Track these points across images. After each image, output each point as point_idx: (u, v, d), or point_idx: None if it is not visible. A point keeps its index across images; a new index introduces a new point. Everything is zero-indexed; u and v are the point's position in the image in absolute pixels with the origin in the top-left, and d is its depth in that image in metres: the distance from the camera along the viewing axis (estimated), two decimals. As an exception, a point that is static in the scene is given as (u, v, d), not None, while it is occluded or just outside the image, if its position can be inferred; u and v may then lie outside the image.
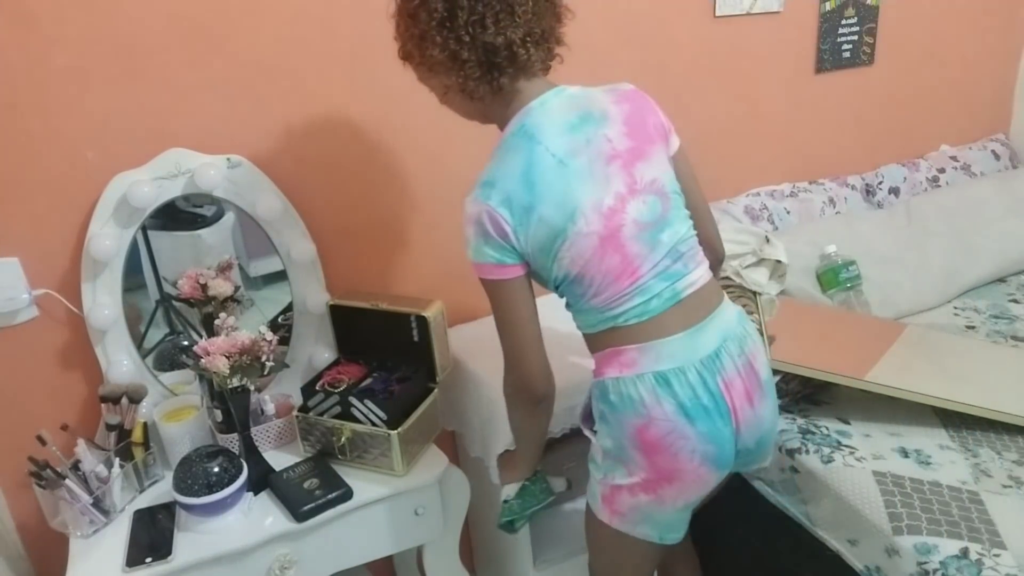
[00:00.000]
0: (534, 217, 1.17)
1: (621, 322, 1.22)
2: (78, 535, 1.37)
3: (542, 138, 1.18)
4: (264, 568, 1.37)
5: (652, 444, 1.21)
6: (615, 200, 1.18)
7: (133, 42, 1.44)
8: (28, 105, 1.39)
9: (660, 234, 1.21)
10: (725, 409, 1.21)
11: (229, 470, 1.36)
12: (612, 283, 1.20)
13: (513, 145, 1.20)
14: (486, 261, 1.20)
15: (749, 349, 1.25)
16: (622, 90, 1.27)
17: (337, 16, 1.60)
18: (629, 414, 1.21)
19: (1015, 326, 2.05)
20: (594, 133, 1.20)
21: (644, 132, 1.23)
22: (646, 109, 1.26)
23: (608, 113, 1.22)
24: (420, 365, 1.58)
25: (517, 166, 1.17)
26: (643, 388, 1.20)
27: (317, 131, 1.65)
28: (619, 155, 1.20)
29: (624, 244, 1.19)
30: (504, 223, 1.17)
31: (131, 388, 1.48)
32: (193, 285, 1.54)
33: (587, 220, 1.17)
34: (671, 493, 1.25)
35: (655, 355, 1.20)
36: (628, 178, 1.20)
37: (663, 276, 1.21)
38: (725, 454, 1.24)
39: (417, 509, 1.49)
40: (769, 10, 2.15)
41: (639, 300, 1.20)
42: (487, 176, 1.19)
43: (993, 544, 1.33)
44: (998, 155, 2.65)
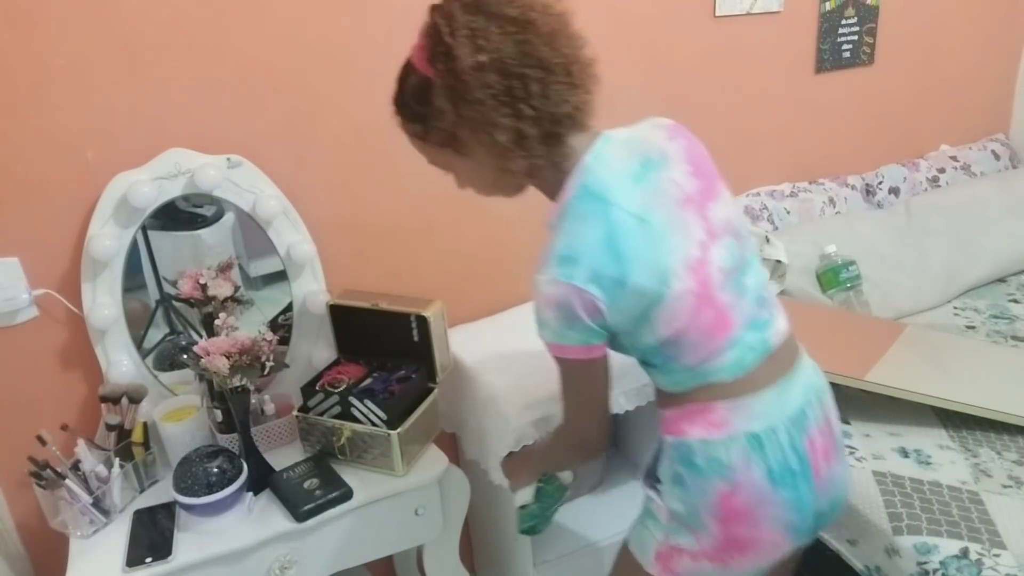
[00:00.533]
0: (627, 289, 1.04)
1: (714, 379, 1.10)
2: (78, 535, 1.37)
3: (613, 197, 1.05)
4: (264, 568, 1.37)
5: (735, 513, 1.11)
6: (699, 249, 1.07)
7: (133, 42, 1.44)
8: (28, 105, 1.39)
9: (744, 278, 1.12)
10: (809, 472, 1.11)
11: (229, 470, 1.36)
12: (708, 340, 1.09)
13: (582, 211, 1.06)
14: (570, 343, 1.07)
15: (827, 402, 1.18)
16: (665, 125, 1.15)
17: (337, 16, 1.60)
18: (715, 480, 1.10)
19: (1015, 326, 2.05)
20: (661, 178, 1.08)
21: (707, 168, 1.13)
22: (696, 143, 1.15)
23: (666, 152, 1.11)
24: (420, 365, 1.58)
25: (596, 235, 1.03)
26: (735, 451, 1.09)
27: (317, 131, 1.65)
28: (690, 198, 1.09)
29: (715, 296, 1.08)
30: (597, 302, 1.03)
31: (131, 388, 1.48)
32: (193, 285, 1.54)
33: (680, 279, 1.06)
34: (741, 563, 1.14)
35: (748, 414, 1.10)
36: (704, 222, 1.09)
37: (753, 326, 1.12)
38: (806, 522, 1.14)
39: (417, 509, 1.49)
40: (769, 10, 2.15)
41: (735, 354, 1.10)
42: (563, 250, 1.04)
43: (993, 544, 1.33)
44: (998, 155, 2.65)
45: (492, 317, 1.95)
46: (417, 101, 1.09)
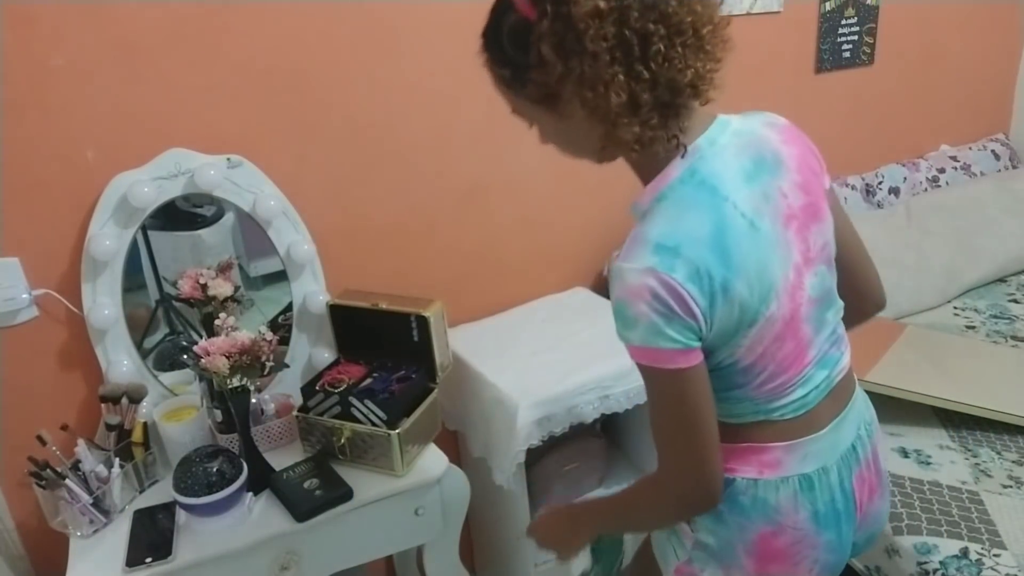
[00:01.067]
0: (728, 298, 0.90)
1: (776, 416, 1.01)
2: (78, 535, 1.37)
3: (727, 192, 0.91)
4: (264, 568, 1.37)
5: (774, 554, 1.03)
6: (795, 275, 0.96)
7: (133, 42, 1.44)
8: (28, 105, 1.39)
9: (827, 312, 1.02)
10: (853, 511, 1.05)
11: (229, 470, 1.35)
12: (782, 373, 0.99)
13: (689, 198, 0.91)
14: (664, 347, 0.89)
15: (875, 436, 1.10)
16: (782, 126, 1.02)
17: (337, 16, 1.60)
18: (758, 520, 1.01)
19: (1015, 326, 2.05)
20: (771, 185, 0.95)
21: (815, 184, 1.00)
22: (809, 152, 1.02)
23: (781, 158, 0.97)
24: (420, 365, 1.58)
25: (704, 228, 0.89)
26: (784, 493, 1.00)
27: (317, 131, 1.65)
28: (795, 216, 0.96)
29: (799, 328, 0.98)
30: (693, 306, 0.88)
31: (131, 388, 1.48)
32: (193, 285, 1.54)
33: (779, 302, 0.94)
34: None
35: (802, 455, 1.01)
36: (803, 245, 0.97)
37: (822, 363, 1.02)
38: (841, 562, 1.08)
39: (417, 509, 1.49)
40: (769, 10, 2.15)
41: (801, 393, 1.01)
42: (662, 238, 0.89)
43: (993, 544, 1.33)
44: (998, 155, 2.65)
45: (492, 317, 1.95)
46: (514, 45, 0.90)
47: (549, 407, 1.60)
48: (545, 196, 1.96)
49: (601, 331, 1.81)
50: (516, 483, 1.64)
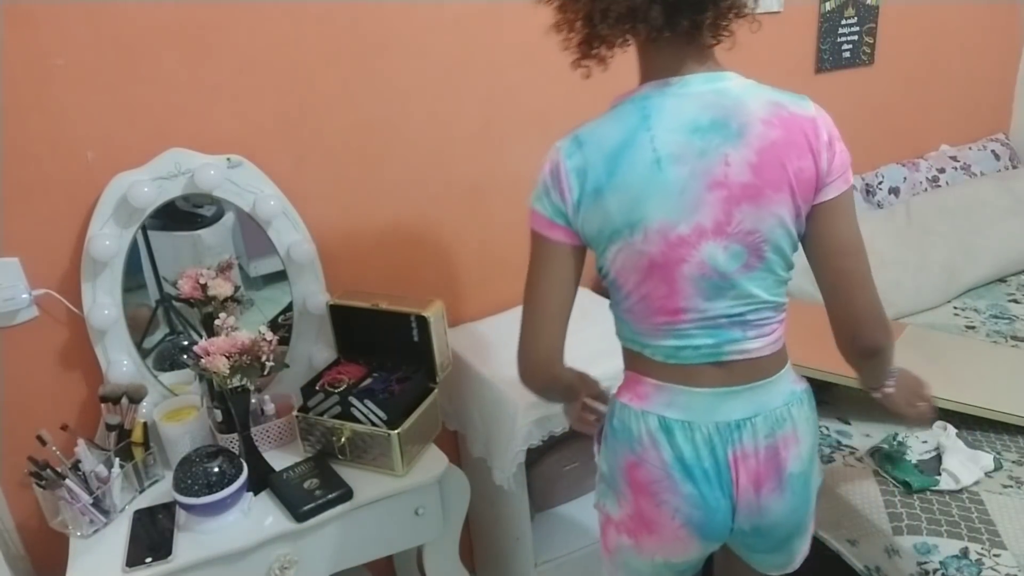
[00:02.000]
0: (598, 204, 1.02)
1: (648, 353, 1.11)
2: (78, 535, 1.37)
3: (653, 126, 1.00)
4: (264, 568, 1.37)
5: (639, 485, 1.12)
6: (691, 232, 1.01)
7: (133, 42, 1.44)
8: (28, 105, 1.39)
9: (730, 289, 1.05)
10: (727, 480, 1.09)
11: (229, 470, 1.36)
12: (648, 312, 1.08)
13: (624, 116, 1.03)
14: (538, 210, 1.07)
15: (781, 436, 1.10)
16: (789, 112, 1.03)
17: (337, 16, 1.60)
18: (624, 446, 1.12)
19: (1015, 326, 2.05)
20: (715, 147, 1.00)
21: (775, 174, 1.01)
22: (799, 146, 1.02)
23: (747, 131, 1.00)
24: (420, 365, 1.58)
25: (612, 140, 1.01)
26: (644, 426, 1.10)
27: (317, 131, 1.65)
28: (727, 186, 1.00)
29: (677, 280, 1.04)
30: (567, 189, 1.03)
31: (131, 388, 1.48)
32: (193, 285, 1.54)
33: (646, 238, 1.02)
34: (649, 544, 1.15)
35: (668, 400, 1.09)
36: (722, 216, 1.01)
37: (710, 332, 1.07)
38: (714, 525, 1.11)
39: (417, 509, 1.49)
40: (769, 10, 2.14)
41: (672, 343, 1.08)
42: (582, 133, 1.04)
43: (993, 544, 1.33)
44: (998, 155, 2.65)
45: (492, 317, 1.95)
46: None
47: (549, 407, 1.59)
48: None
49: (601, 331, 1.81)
50: (516, 483, 1.64)
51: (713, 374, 1.08)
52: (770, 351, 1.10)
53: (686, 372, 1.08)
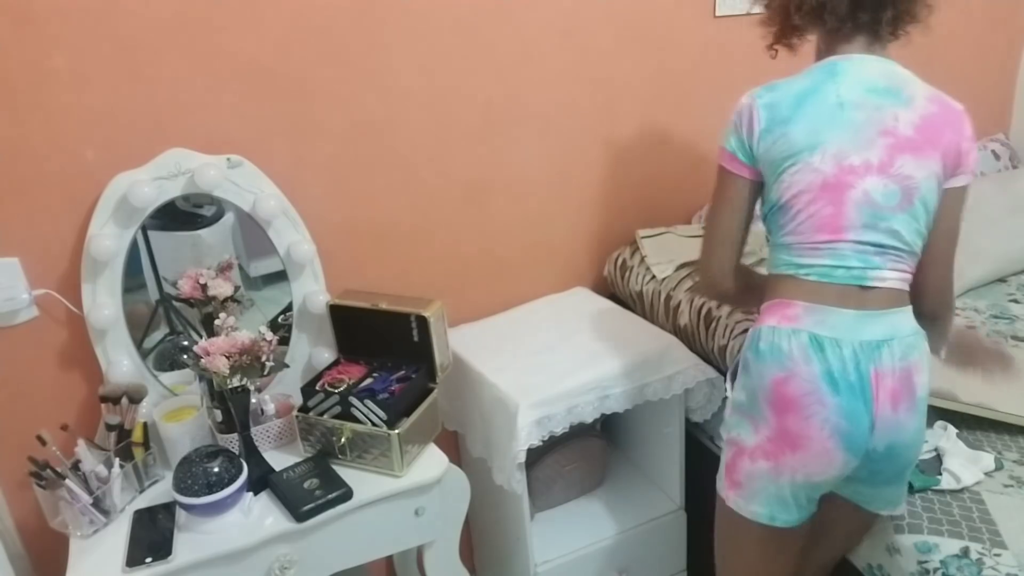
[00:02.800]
0: (783, 131, 1.21)
1: (802, 274, 1.23)
2: (78, 535, 1.37)
3: (840, 78, 1.22)
4: (264, 568, 1.37)
5: (787, 401, 1.20)
6: (861, 164, 1.19)
7: (133, 42, 1.44)
8: (28, 105, 1.40)
9: (882, 221, 1.19)
10: (869, 396, 1.18)
11: (229, 470, 1.35)
12: (813, 230, 1.21)
13: (812, 72, 1.25)
14: (726, 147, 1.28)
15: (913, 360, 1.21)
16: (946, 99, 1.25)
17: (337, 16, 1.60)
18: (772, 365, 1.21)
19: (1015, 326, 2.04)
20: (888, 105, 1.20)
21: (934, 138, 1.20)
22: (953, 126, 1.22)
23: (914, 102, 1.21)
24: (420, 365, 1.58)
25: (801, 86, 1.23)
26: (796, 343, 1.19)
27: (317, 131, 1.65)
28: (895, 134, 1.19)
29: (844, 203, 1.19)
30: (756, 121, 1.23)
31: (131, 388, 1.48)
32: (193, 285, 1.54)
33: (824, 159, 1.19)
34: (791, 462, 1.21)
35: (819, 318, 1.20)
36: (887, 157, 1.19)
37: (861, 256, 1.20)
38: (857, 437, 1.19)
39: (417, 509, 1.49)
40: (769, 10, 2.14)
41: (828, 261, 1.21)
42: (775, 82, 1.26)
43: (994, 544, 1.33)
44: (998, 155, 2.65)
45: (492, 317, 1.95)
46: None
47: (549, 407, 1.60)
48: (545, 196, 1.96)
49: (601, 331, 1.82)
50: (516, 483, 1.64)
51: (858, 296, 1.20)
52: (902, 286, 1.23)
53: (836, 292, 1.20)
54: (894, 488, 1.33)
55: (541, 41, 1.83)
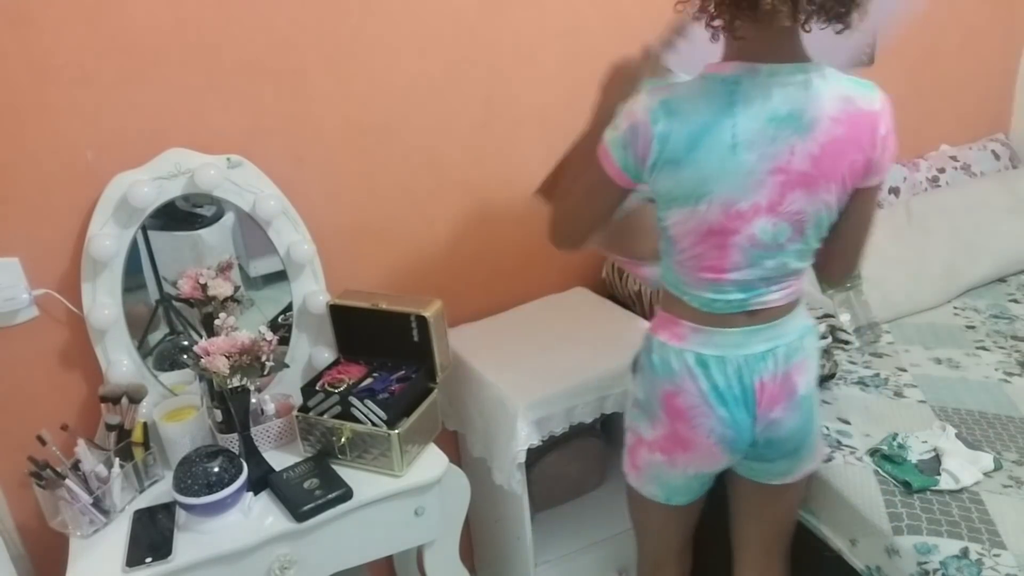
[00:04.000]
0: (674, 172, 1.15)
1: (687, 300, 1.26)
2: (78, 535, 1.37)
3: (737, 113, 1.11)
4: (264, 568, 1.37)
5: (677, 410, 1.28)
6: (749, 208, 1.15)
7: (133, 42, 1.44)
8: (28, 105, 1.39)
9: (767, 259, 1.20)
10: (752, 404, 1.26)
11: (229, 470, 1.36)
12: (697, 268, 1.22)
13: (714, 95, 1.12)
14: (613, 156, 1.19)
15: (796, 362, 1.27)
16: (856, 108, 1.15)
17: (337, 16, 1.60)
18: (664, 379, 1.28)
19: (1015, 326, 2.05)
20: (785, 138, 1.12)
21: (832, 166, 1.14)
22: (860, 142, 1.15)
23: (816, 127, 1.12)
24: (420, 365, 1.58)
25: (698, 121, 1.11)
26: (682, 362, 1.25)
27: (317, 131, 1.65)
28: (787, 171, 1.13)
29: (728, 248, 1.18)
30: (648, 151, 1.15)
31: (131, 388, 1.48)
32: (193, 285, 1.54)
33: (710, 208, 1.15)
34: (683, 459, 1.32)
35: (704, 339, 1.25)
36: (776, 196, 1.15)
37: (743, 288, 1.22)
38: (740, 440, 1.29)
39: (417, 509, 1.49)
40: (769, 10, 2.14)
41: (711, 296, 1.23)
42: (673, 99, 1.13)
43: (993, 544, 1.33)
44: (998, 155, 2.65)
45: (492, 317, 1.95)
46: None
47: (549, 407, 1.60)
48: (545, 196, 1.95)
49: (601, 331, 1.82)
50: (516, 483, 1.64)
51: (740, 319, 1.24)
52: (787, 300, 1.26)
53: (719, 319, 1.24)
54: (784, 463, 1.38)
55: (540, 40, 1.83)
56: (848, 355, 1.93)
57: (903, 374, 1.85)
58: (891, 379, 1.83)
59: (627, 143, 1.16)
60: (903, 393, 1.77)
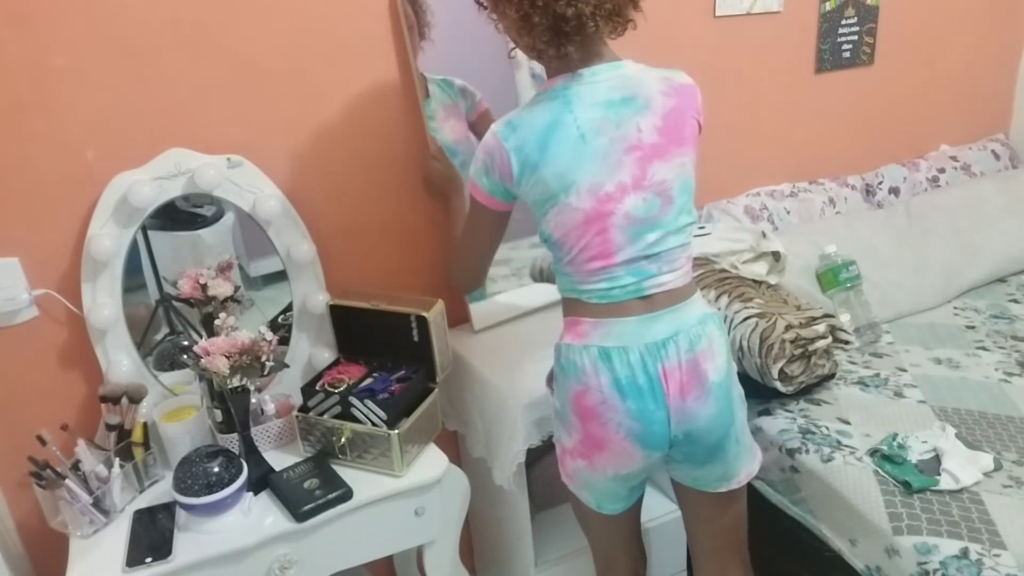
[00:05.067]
0: (536, 175, 1.23)
1: (584, 297, 1.30)
2: (78, 535, 1.37)
3: (575, 108, 1.22)
4: (264, 568, 1.37)
5: (586, 410, 1.30)
6: (615, 188, 1.22)
7: (133, 42, 1.44)
8: (28, 105, 1.39)
9: (647, 233, 1.25)
10: (660, 393, 1.27)
11: (229, 470, 1.36)
12: (585, 261, 1.26)
13: (547, 103, 1.24)
14: (480, 186, 1.30)
15: (700, 349, 1.28)
16: (677, 83, 1.28)
17: (337, 16, 1.60)
18: (572, 380, 1.30)
19: (1015, 326, 2.05)
20: (628, 118, 1.23)
21: (677, 132, 1.26)
22: (690, 109, 1.28)
23: (651, 103, 1.24)
24: (420, 365, 1.58)
25: (541, 123, 1.23)
26: (587, 358, 1.28)
27: (317, 131, 1.65)
28: (641, 147, 1.23)
29: (607, 230, 1.24)
30: (509, 166, 1.24)
31: (131, 388, 1.48)
32: (193, 285, 1.54)
33: (579, 196, 1.23)
34: (601, 461, 1.33)
35: (604, 332, 1.28)
36: (638, 172, 1.23)
37: (633, 271, 1.26)
38: (653, 435, 1.29)
39: (417, 509, 1.49)
40: (769, 10, 2.15)
41: (605, 285, 1.27)
42: (515, 118, 1.25)
43: (993, 544, 1.33)
44: (998, 155, 2.65)
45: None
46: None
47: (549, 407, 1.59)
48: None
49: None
50: (516, 483, 1.64)
51: (638, 306, 1.28)
52: (681, 283, 1.31)
53: (617, 308, 1.28)
54: (717, 466, 1.37)
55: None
56: (848, 355, 1.93)
57: (903, 374, 1.85)
58: (891, 379, 1.83)
59: (488, 168, 1.27)
60: (903, 393, 1.77)
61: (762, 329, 1.65)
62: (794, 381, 1.69)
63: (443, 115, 1.71)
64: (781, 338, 1.64)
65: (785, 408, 1.74)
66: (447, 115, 1.72)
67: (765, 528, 1.72)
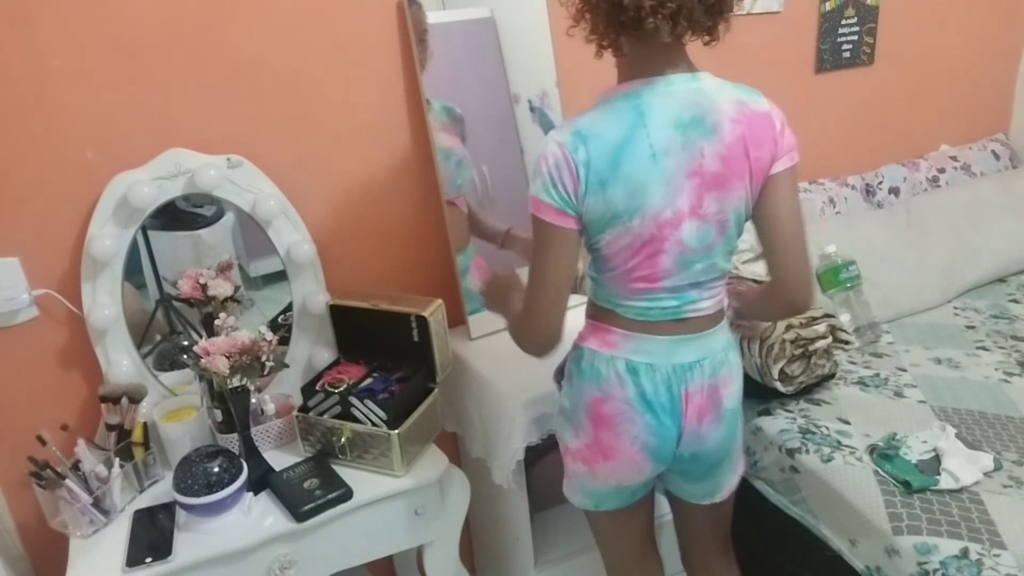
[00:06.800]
0: (603, 194, 1.15)
1: (621, 311, 1.27)
2: (78, 535, 1.37)
3: (650, 123, 1.14)
4: (264, 568, 1.37)
5: (603, 418, 1.28)
6: (674, 214, 1.17)
7: (133, 42, 1.44)
8: (28, 105, 1.39)
9: (696, 263, 1.22)
10: (679, 413, 1.27)
11: (229, 470, 1.36)
12: (631, 280, 1.23)
13: (620, 110, 1.15)
14: (549, 202, 1.16)
15: (722, 375, 1.29)
16: (751, 110, 1.19)
17: (338, 16, 1.60)
18: (592, 386, 1.28)
19: (1015, 326, 2.05)
20: (694, 142, 1.16)
21: (739, 164, 1.18)
22: (760, 139, 1.18)
23: (719, 128, 1.16)
24: (420, 365, 1.58)
25: (614, 137, 1.14)
26: (613, 369, 1.26)
27: (317, 131, 1.65)
28: (702, 174, 1.17)
29: (658, 255, 1.20)
30: (577, 180, 1.14)
31: (131, 388, 1.48)
32: (193, 285, 1.54)
33: (643, 221, 1.17)
34: (603, 469, 1.32)
35: (635, 346, 1.26)
36: (696, 200, 1.18)
37: (676, 296, 1.24)
38: (664, 450, 1.30)
39: (417, 509, 1.49)
40: (769, 10, 2.14)
41: (645, 304, 1.25)
42: (584, 126, 1.15)
43: (993, 544, 1.33)
44: (998, 155, 2.65)
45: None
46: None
47: (547, 405, 1.59)
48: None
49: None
50: (516, 483, 1.64)
51: (672, 327, 1.26)
52: (715, 308, 1.29)
53: (651, 327, 1.26)
54: (707, 483, 1.40)
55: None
56: (848, 355, 1.93)
57: (903, 374, 1.85)
58: (891, 379, 1.83)
59: (554, 182, 1.15)
60: (903, 393, 1.77)
61: (762, 329, 1.65)
62: (794, 381, 1.69)
63: (438, 127, 1.70)
64: (781, 338, 1.64)
65: (785, 408, 1.73)
66: (442, 128, 1.71)
67: (765, 528, 1.72)
